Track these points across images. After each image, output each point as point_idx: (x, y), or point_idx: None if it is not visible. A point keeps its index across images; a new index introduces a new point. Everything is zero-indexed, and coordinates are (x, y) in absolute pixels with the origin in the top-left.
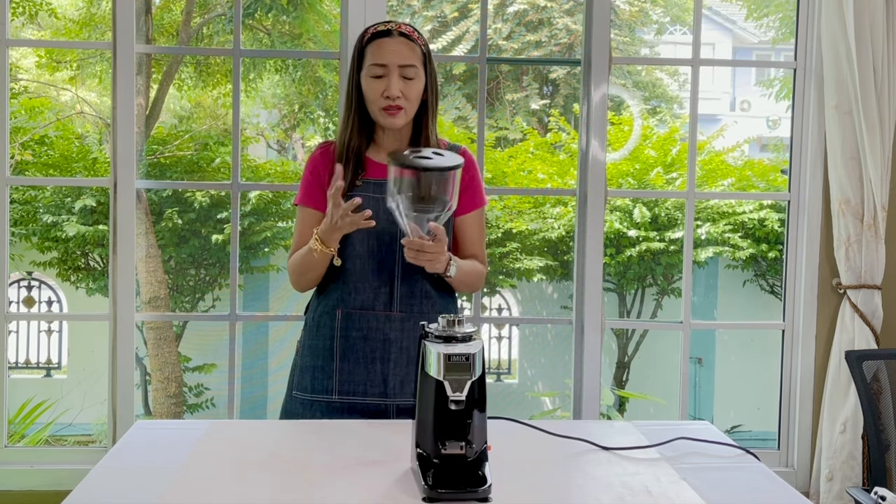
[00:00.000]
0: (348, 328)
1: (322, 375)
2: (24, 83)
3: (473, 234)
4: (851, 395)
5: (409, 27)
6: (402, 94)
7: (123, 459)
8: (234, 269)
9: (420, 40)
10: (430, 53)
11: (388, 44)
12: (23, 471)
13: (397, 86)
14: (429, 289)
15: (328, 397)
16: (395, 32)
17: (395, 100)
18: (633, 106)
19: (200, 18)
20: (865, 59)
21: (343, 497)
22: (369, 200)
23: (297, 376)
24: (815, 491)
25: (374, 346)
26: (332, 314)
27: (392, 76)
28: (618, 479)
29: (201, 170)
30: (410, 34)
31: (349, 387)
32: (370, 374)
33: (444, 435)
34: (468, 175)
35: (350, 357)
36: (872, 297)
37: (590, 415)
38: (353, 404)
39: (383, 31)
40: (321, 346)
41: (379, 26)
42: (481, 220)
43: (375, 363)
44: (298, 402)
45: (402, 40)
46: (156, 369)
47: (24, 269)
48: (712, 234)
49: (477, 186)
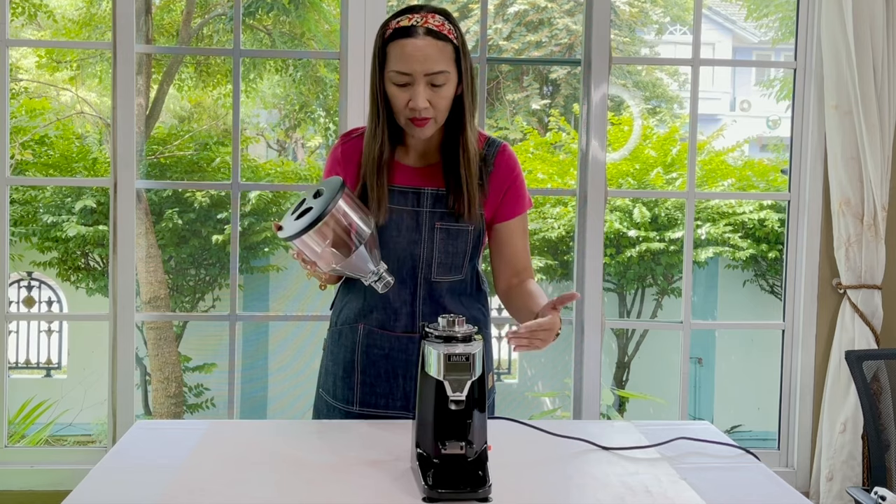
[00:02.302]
0: (370, 345)
1: (343, 385)
2: (24, 83)
3: (517, 241)
4: (851, 395)
5: (437, 19)
6: (430, 103)
7: (123, 459)
8: (234, 269)
9: (452, 33)
10: (463, 46)
11: (412, 47)
12: (23, 471)
13: (423, 96)
14: (452, 308)
15: (349, 407)
16: (421, 30)
17: (423, 112)
18: (633, 106)
19: (200, 18)
20: (865, 59)
21: (343, 497)
22: (391, 211)
23: (323, 376)
24: (815, 491)
25: (396, 364)
26: (354, 327)
27: (418, 86)
28: (618, 479)
29: (201, 170)
30: (439, 29)
31: (371, 399)
32: (392, 389)
33: (444, 435)
34: (509, 178)
35: (371, 371)
36: (872, 297)
37: (590, 415)
38: (374, 416)
39: (406, 27)
40: (342, 356)
41: (402, 20)
42: (525, 226)
43: (398, 378)
44: (323, 402)
45: (429, 40)
46: (156, 369)
47: (24, 269)
48: (712, 235)
49: (518, 189)
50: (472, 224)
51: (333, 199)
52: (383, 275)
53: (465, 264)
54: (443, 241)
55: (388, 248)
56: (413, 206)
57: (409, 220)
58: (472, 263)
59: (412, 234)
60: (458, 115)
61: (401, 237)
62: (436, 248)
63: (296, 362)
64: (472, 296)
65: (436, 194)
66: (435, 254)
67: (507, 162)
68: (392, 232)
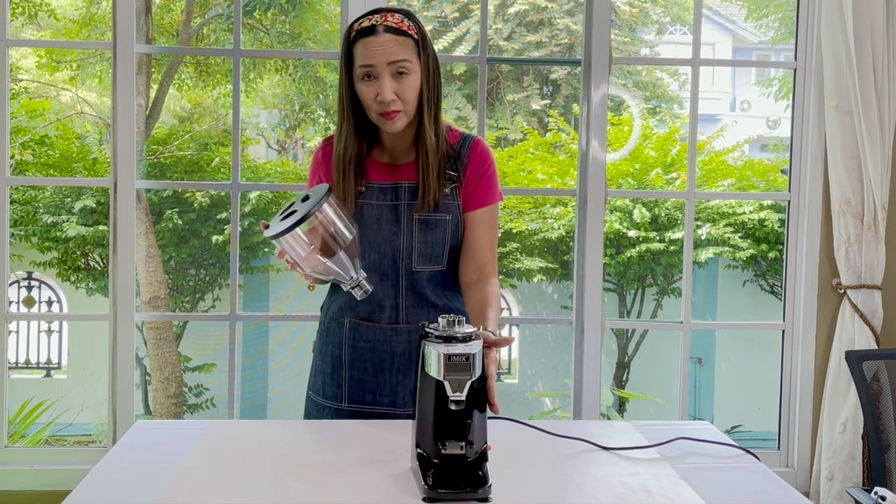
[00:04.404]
0: (356, 338)
1: (332, 382)
2: (24, 83)
3: (482, 232)
4: (851, 395)
5: (396, 17)
6: (398, 96)
7: (123, 459)
8: (234, 269)
9: (411, 29)
10: (424, 39)
11: (373, 42)
12: (23, 471)
13: (390, 88)
14: (434, 300)
15: (338, 404)
16: (381, 28)
17: (391, 104)
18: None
19: (200, 18)
20: (865, 59)
21: (343, 497)
22: (372, 208)
23: (312, 378)
24: (815, 491)
25: (382, 356)
26: (340, 322)
27: (383, 77)
28: (618, 479)
29: (201, 170)
30: (398, 25)
31: (359, 395)
32: (379, 384)
33: (444, 435)
34: (482, 168)
35: (358, 366)
36: (872, 297)
37: (590, 415)
38: (363, 412)
39: (368, 27)
40: (331, 353)
41: (363, 22)
42: (493, 219)
43: (384, 373)
44: (312, 403)
45: (389, 36)
46: (156, 369)
47: (24, 269)
48: (712, 235)
49: (489, 180)
50: (450, 214)
51: (319, 202)
52: (362, 282)
53: (445, 254)
54: (421, 232)
55: (370, 242)
56: (392, 201)
57: (389, 213)
58: (451, 255)
59: (392, 227)
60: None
61: (381, 231)
62: (415, 238)
63: (296, 362)
64: (454, 289)
65: (413, 187)
66: (414, 244)
67: (480, 154)
68: (373, 226)
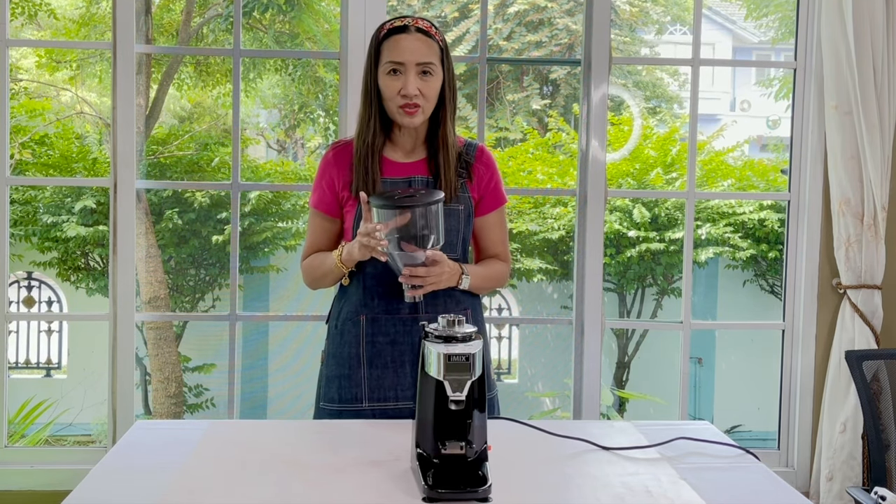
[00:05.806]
0: (374, 333)
1: (349, 384)
2: (24, 83)
3: (495, 233)
4: (851, 395)
5: (426, 22)
6: (420, 93)
7: (123, 459)
8: (234, 269)
9: (438, 36)
10: (447, 49)
11: (404, 41)
12: (23, 471)
13: (414, 84)
14: (452, 289)
15: (358, 406)
16: (413, 28)
17: (413, 98)
18: (633, 106)
19: (200, 18)
20: (865, 59)
21: (343, 497)
22: None
23: (324, 387)
24: (815, 491)
25: (403, 349)
26: (356, 321)
27: (409, 74)
28: (618, 479)
29: (201, 170)
30: (428, 30)
31: (379, 393)
32: (400, 379)
33: (444, 435)
34: (487, 174)
35: (378, 363)
36: (872, 297)
37: (590, 415)
38: (385, 410)
39: (400, 27)
40: (346, 354)
41: (395, 22)
42: (503, 219)
43: (405, 366)
44: (327, 413)
45: (420, 37)
46: (156, 369)
47: (24, 269)
48: (712, 235)
49: (496, 185)
50: (462, 205)
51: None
52: None
53: (459, 243)
54: None
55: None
56: None
57: None
58: (464, 245)
59: None
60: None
61: None
62: None
63: (296, 362)
64: None
65: (425, 182)
66: None
67: (486, 161)
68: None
